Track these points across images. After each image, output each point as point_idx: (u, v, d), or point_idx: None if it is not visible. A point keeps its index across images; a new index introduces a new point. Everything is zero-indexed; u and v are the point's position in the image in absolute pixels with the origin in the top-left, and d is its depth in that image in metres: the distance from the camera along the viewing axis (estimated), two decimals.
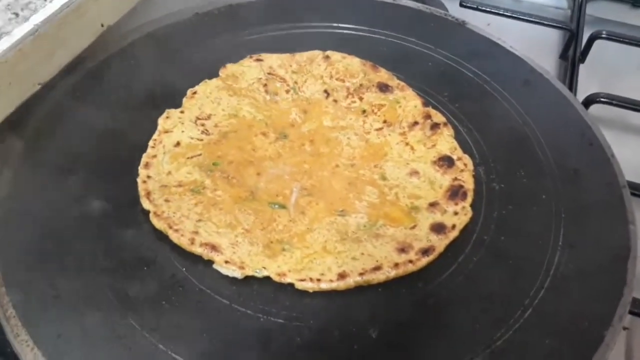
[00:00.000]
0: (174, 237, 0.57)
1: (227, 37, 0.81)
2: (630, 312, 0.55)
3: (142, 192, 0.61)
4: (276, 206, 0.62)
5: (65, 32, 0.69)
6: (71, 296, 0.52)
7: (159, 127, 0.69)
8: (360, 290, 0.55)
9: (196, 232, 0.58)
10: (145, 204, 0.60)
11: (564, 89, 0.75)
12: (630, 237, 0.58)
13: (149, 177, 0.63)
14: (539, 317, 0.52)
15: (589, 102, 0.82)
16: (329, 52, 0.78)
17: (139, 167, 0.64)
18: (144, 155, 0.65)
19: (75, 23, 0.70)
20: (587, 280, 0.56)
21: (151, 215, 0.59)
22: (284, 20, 0.84)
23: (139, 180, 0.63)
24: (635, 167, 0.72)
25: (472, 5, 1.00)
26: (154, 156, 0.65)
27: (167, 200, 0.60)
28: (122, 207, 0.60)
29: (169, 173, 0.64)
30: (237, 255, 0.56)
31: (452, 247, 0.58)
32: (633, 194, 0.64)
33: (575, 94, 0.88)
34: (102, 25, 0.75)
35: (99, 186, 0.62)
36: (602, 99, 0.82)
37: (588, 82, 0.94)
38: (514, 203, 0.62)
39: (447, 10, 1.02)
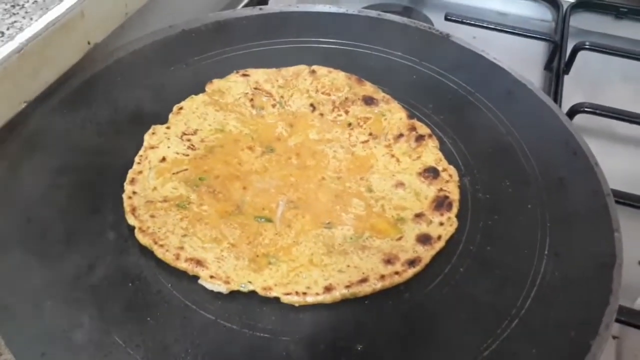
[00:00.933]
0: (158, 252, 0.57)
1: (214, 53, 0.82)
2: (617, 321, 0.55)
3: (127, 208, 0.61)
4: (262, 220, 0.62)
5: (51, 50, 0.69)
6: (55, 313, 0.52)
7: (145, 143, 0.69)
8: (346, 303, 0.55)
9: (181, 248, 0.57)
10: (131, 220, 0.60)
11: (547, 100, 0.76)
12: (615, 244, 0.58)
13: (134, 192, 0.63)
14: (526, 327, 0.52)
15: (573, 112, 0.83)
16: (314, 67, 0.79)
17: (125, 183, 0.64)
18: (130, 171, 0.65)
19: (61, 41, 0.70)
20: (574, 289, 0.56)
21: (136, 231, 0.59)
22: (269, 36, 0.85)
23: (124, 196, 0.62)
24: (620, 176, 0.72)
25: (457, 19, 1.02)
26: (140, 172, 0.65)
27: (152, 216, 0.60)
28: (108, 223, 0.60)
29: (155, 189, 0.64)
30: (223, 270, 0.56)
31: (438, 258, 0.58)
32: (617, 202, 0.65)
33: (560, 105, 0.90)
34: (89, 43, 0.75)
35: (84, 203, 0.62)
36: (587, 109, 0.83)
37: (572, 92, 0.95)
38: (499, 213, 0.63)
39: (432, 24, 1.03)
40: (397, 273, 0.56)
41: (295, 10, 0.91)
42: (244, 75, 0.78)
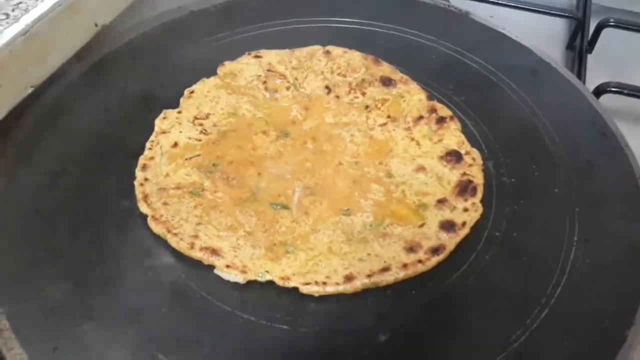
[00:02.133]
0: (172, 241, 0.55)
1: (224, 34, 0.79)
2: None
3: (139, 196, 0.59)
4: (278, 207, 0.59)
5: (57, 32, 0.67)
6: (66, 307, 0.50)
7: (156, 128, 0.66)
8: (367, 292, 0.53)
9: (196, 236, 0.55)
10: (143, 208, 0.58)
11: (573, 79, 0.73)
12: None
13: (146, 179, 0.61)
14: (556, 317, 0.50)
15: (599, 91, 0.79)
16: (329, 47, 0.76)
17: (136, 170, 0.62)
18: (141, 157, 0.63)
19: (68, 23, 0.68)
20: (605, 277, 0.53)
21: (149, 219, 0.57)
22: (282, 16, 0.82)
23: (136, 183, 0.60)
24: None
25: None
26: (152, 158, 0.63)
27: (165, 204, 0.58)
28: (119, 211, 0.58)
29: (167, 175, 0.62)
30: (239, 259, 0.54)
31: (463, 245, 0.56)
32: None
33: (584, 84, 0.86)
34: (97, 25, 0.73)
35: (94, 190, 0.60)
36: (613, 89, 0.80)
37: (596, 72, 0.92)
38: (525, 197, 0.60)
39: (449, 2, 0.99)
40: (420, 261, 0.54)
41: None
42: (257, 57, 0.75)
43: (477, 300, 0.52)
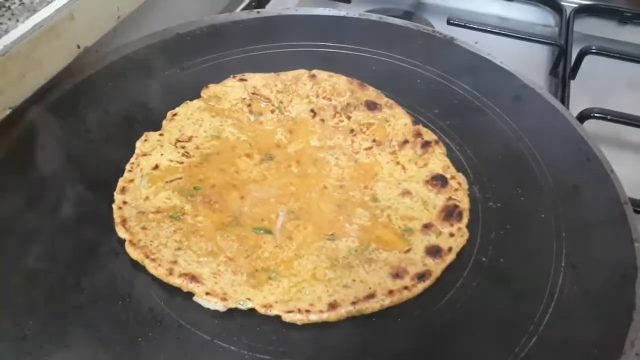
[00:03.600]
0: (150, 267, 0.53)
1: (209, 57, 0.79)
2: None
3: (117, 219, 0.57)
4: (261, 231, 0.58)
5: (38, 53, 0.66)
6: (40, 335, 0.48)
7: (137, 150, 0.65)
8: (352, 320, 0.51)
9: (175, 262, 0.54)
10: (121, 232, 0.56)
11: (557, 104, 0.73)
12: (636, 255, 0.55)
13: (125, 202, 0.59)
14: (544, 345, 0.49)
15: (583, 117, 0.80)
16: (314, 71, 0.76)
17: (115, 193, 0.60)
18: (121, 179, 0.62)
19: (49, 44, 0.67)
20: (594, 304, 0.52)
21: (127, 244, 0.55)
22: (268, 40, 0.82)
23: (114, 206, 0.59)
24: (632, 183, 0.69)
25: (460, 23, 0.99)
26: (131, 180, 0.62)
27: (144, 228, 0.57)
28: (96, 235, 0.56)
29: (147, 198, 0.60)
30: (219, 285, 0.52)
31: (449, 271, 0.55)
32: (636, 211, 0.61)
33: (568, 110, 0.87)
34: (79, 47, 0.72)
35: (71, 214, 0.58)
36: (597, 114, 0.80)
37: (579, 98, 0.92)
38: (512, 223, 0.59)
39: (434, 28, 1.00)
40: (406, 288, 0.52)
41: (293, 13, 0.88)
42: (241, 80, 0.74)
43: (464, 328, 0.50)
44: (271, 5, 1.07)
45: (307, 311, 0.51)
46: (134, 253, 0.54)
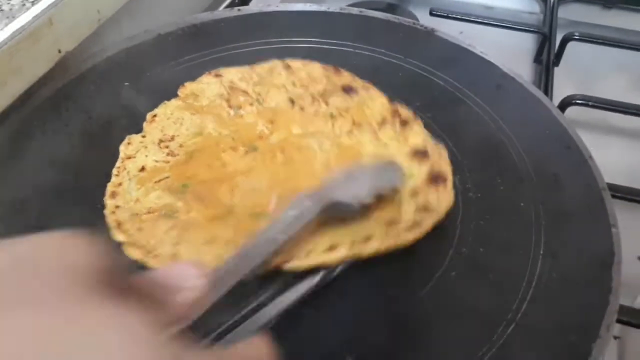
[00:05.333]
0: (153, 263, 0.54)
1: (191, 57, 0.79)
2: (619, 321, 0.53)
3: (112, 224, 0.58)
4: (257, 216, 0.59)
5: (18, 60, 0.66)
6: None
7: (121, 154, 0.66)
8: (333, 309, 0.52)
9: (175, 255, 0.54)
10: (118, 236, 0.56)
11: (537, 92, 0.73)
12: (613, 241, 0.56)
13: (117, 207, 0.60)
14: (523, 332, 0.50)
15: (565, 104, 0.81)
16: (288, 61, 0.76)
17: (105, 198, 0.60)
18: (109, 184, 0.62)
19: (29, 50, 0.68)
20: (572, 290, 0.53)
21: (125, 246, 0.56)
22: (251, 37, 0.82)
23: (106, 212, 0.59)
24: (615, 169, 0.70)
25: (443, 14, 0.99)
26: (120, 184, 0.62)
27: (140, 229, 0.57)
28: None
29: (137, 200, 0.61)
30: None
31: (429, 262, 0.55)
32: (614, 196, 0.62)
33: (551, 98, 0.87)
34: (60, 52, 0.72)
35: (60, 222, 0.58)
36: (578, 101, 0.81)
37: (563, 85, 0.93)
38: (492, 212, 0.60)
39: (417, 20, 1.01)
40: (399, 235, 0.55)
41: (275, 10, 0.88)
42: (217, 75, 0.75)
43: (443, 317, 0.51)
44: (254, 2, 1.07)
45: (307, 257, 0.52)
46: (134, 253, 0.55)
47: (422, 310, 0.52)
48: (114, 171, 0.64)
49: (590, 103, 0.81)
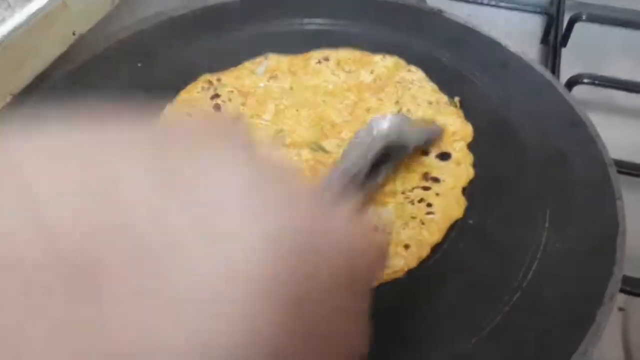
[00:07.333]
0: None
1: (203, 40, 0.80)
2: (622, 291, 0.54)
3: None
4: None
5: (34, 42, 0.68)
6: None
7: None
8: None
9: None
10: None
11: (544, 71, 0.74)
12: (617, 213, 0.57)
13: None
14: (528, 300, 0.51)
15: (571, 83, 0.81)
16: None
17: None
18: None
19: (44, 32, 0.69)
20: (576, 261, 0.54)
21: None
22: (259, 19, 0.83)
23: None
24: (621, 146, 0.70)
25: None
26: None
27: None
28: None
29: None
30: None
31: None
32: (620, 172, 0.63)
33: (558, 78, 0.88)
34: (74, 34, 0.74)
35: None
36: (585, 80, 0.82)
37: (571, 65, 0.93)
38: (497, 187, 0.61)
39: (425, 2, 1.01)
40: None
41: None
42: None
43: (450, 287, 0.53)
44: None
45: None
46: None
47: (428, 280, 0.53)
48: None
49: (596, 82, 0.82)
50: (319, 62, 0.76)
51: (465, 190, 0.61)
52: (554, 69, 0.91)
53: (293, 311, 0.22)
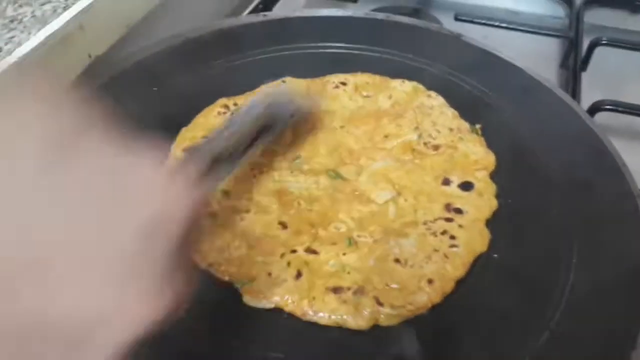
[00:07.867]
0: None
1: (218, 62, 0.80)
2: None
3: None
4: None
5: (50, 64, 0.67)
6: None
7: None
8: None
9: None
10: None
11: (566, 97, 0.73)
12: None
13: None
14: (557, 341, 0.49)
15: (593, 109, 0.79)
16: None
17: None
18: None
19: (61, 55, 0.69)
20: (606, 299, 0.52)
21: None
22: (277, 42, 0.82)
23: None
24: None
25: (468, 19, 0.98)
26: None
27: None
28: None
29: None
30: None
31: None
32: None
33: (579, 103, 0.86)
34: (90, 56, 0.73)
35: None
36: (608, 106, 0.80)
37: (591, 90, 0.92)
38: (522, 219, 0.59)
39: (442, 25, 1.00)
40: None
41: (300, 15, 0.88)
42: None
43: (474, 325, 0.51)
44: (278, 7, 1.07)
45: None
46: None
47: (452, 317, 0.51)
48: None
49: (620, 108, 0.80)
50: (337, 86, 0.75)
51: (488, 222, 0.59)
52: (574, 94, 0.89)
53: None
